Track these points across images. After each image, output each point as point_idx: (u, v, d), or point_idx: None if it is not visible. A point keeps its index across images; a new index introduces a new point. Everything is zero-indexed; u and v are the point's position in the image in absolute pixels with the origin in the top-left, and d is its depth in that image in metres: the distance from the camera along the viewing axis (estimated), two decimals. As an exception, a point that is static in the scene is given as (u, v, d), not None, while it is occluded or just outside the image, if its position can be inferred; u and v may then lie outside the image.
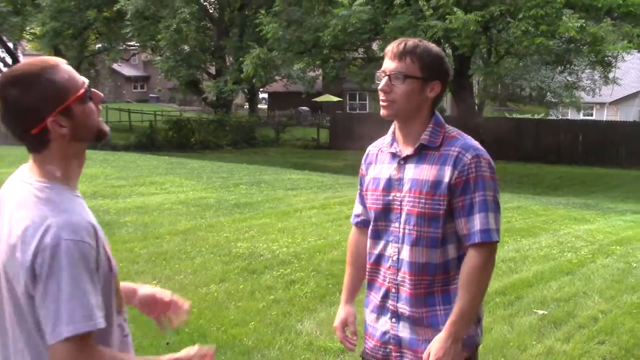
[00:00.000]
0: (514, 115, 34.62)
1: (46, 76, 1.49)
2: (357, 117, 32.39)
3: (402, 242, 2.10)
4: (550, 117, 32.70)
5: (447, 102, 32.27)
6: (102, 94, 1.61)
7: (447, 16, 15.14)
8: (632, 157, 23.60)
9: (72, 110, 1.51)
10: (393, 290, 2.14)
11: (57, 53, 28.97)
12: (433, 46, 2.11)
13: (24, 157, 1.58)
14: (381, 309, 2.19)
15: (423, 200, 2.04)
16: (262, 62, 18.29)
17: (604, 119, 34.00)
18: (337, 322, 2.35)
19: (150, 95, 57.38)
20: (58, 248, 1.40)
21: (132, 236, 6.93)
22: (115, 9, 25.10)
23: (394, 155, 2.15)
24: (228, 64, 26.87)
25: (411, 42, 2.09)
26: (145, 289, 1.85)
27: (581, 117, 34.31)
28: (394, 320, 2.15)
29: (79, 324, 1.40)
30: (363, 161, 2.30)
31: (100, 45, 31.78)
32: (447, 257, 2.09)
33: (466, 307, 2.02)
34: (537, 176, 19.92)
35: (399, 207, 2.11)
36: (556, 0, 14.82)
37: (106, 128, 1.60)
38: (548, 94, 29.30)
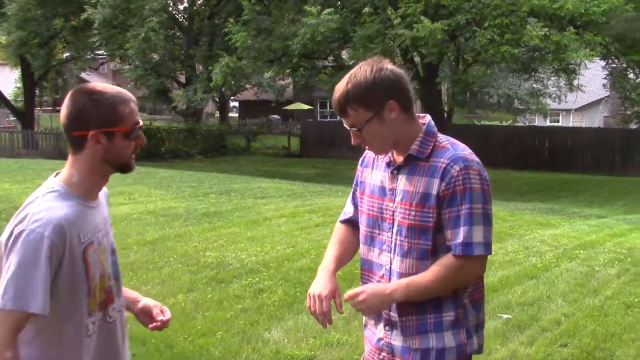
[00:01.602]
0: (483, 122, 35.08)
1: (114, 102, 1.80)
2: (328, 125, 32.54)
3: (395, 253, 2.08)
4: (517, 124, 33.18)
5: (416, 109, 32.48)
6: (145, 141, 1.89)
7: (414, 25, 15.31)
8: (597, 163, 24.10)
9: (114, 136, 1.80)
10: None
11: (24, 62, 28.58)
12: (362, 74, 2.00)
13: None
14: (378, 316, 2.17)
15: (413, 213, 2.02)
16: (232, 71, 18.24)
17: (570, 126, 34.65)
18: (326, 291, 2.11)
19: (120, 104, 56.84)
20: (21, 235, 1.68)
21: (99, 247, 6.85)
22: (82, 17, 24.83)
23: (388, 164, 2.12)
24: (198, 72, 26.77)
25: (341, 89, 2.00)
26: (147, 301, 2.12)
27: (548, 123, 34.93)
28: (387, 328, 2.14)
29: (9, 301, 1.65)
30: (360, 163, 2.27)
31: (67, 54, 31.40)
32: None
33: (418, 284, 2.00)
34: (505, 182, 20.20)
35: (391, 218, 2.09)
36: (521, 9, 15.09)
37: (133, 165, 1.89)
38: (515, 101, 29.78)
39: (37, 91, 31.17)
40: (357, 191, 2.27)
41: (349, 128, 2.05)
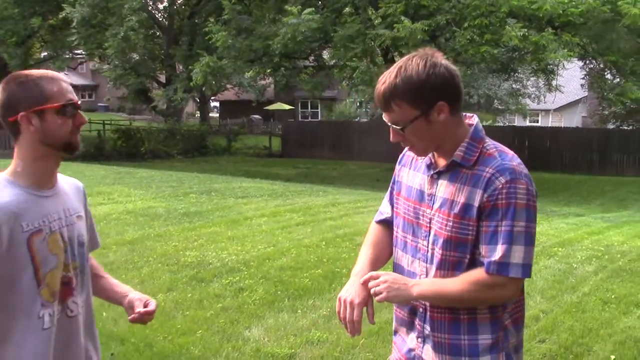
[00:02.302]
0: (463, 122, 35.23)
1: (39, 82, 1.78)
2: (309, 125, 32.56)
3: (431, 263, 1.93)
4: (497, 124, 33.42)
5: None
6: (86, 119, 1.87)
7: (394, 25, 15.38)
8: (576, 162, 24.36)
9: (45, 115, 1.77)
10: (421, 310, 1.98)
11: (0, 61, 28.21)
12: (414, 68, 1.81)
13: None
14: (410, 325, 2.03)
15: (451, 224, 1.86)
16: (212, 71, 18.18)
17: (549, 126, 35.02)
18: (359, 298, 1.91)
19: (99, 104, 56.45)
20: None
21: (78, 247, 6.78)
22: (60, 16, 24.58)
23: (429, 166, 1.96)
24: (178, 72, 26.63)
25: (388, 82, 1.82)
26: (133, 294, 2.07)
27: (527, 123, 35.28)
28: (419, 340, 1.99)
29: None
30: (398, 161, 2.12)
31: (45, 53, 31.08)
32: None
33: (442, 288, 1.88)
34: (485, 181, 20.30)
35: (428, 225, 1.93)
36: (500, 10, 15.22)
37: (77, 144, 1.84)
38: (495, 101, 30.03)
39: (14, 91, 30.76)
40: (394, 190, 2.11)
41: (390, 124, 1.88)
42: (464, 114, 1.95)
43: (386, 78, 1.84)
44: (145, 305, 2.02)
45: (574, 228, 9.68)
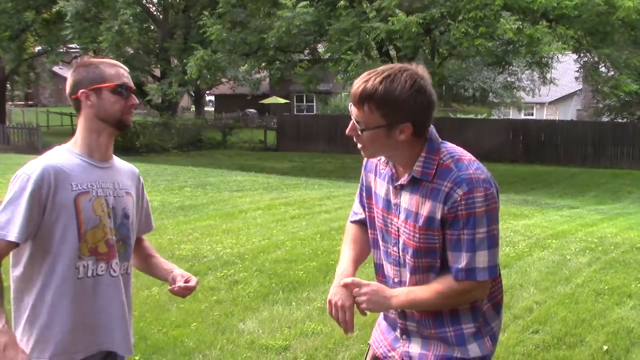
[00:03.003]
0: (458, 116, 35.33)
1: (100, 65, 2.11)
2: (304, 119, 32.52)
3: (402, 267, 2.03)
4: (492, 117, 33.48)
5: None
6: (137, 101, 2.17)
7: (389, 18, 15.36)
8: (570, 155, 24.39)
9: (101, 92, 2.07)
10: (398, 309, 2.07)
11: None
12: (400, 84, 1.83)
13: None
14: (393, 321, 2.14)
15: (417, 235, 1.95)
16: (206, 64, 18.14)
17: (544, 119, 35.09)
18: (348, 302, 2.00)
19: (94, 98, 56.27)
20: (16, 176, 1.99)
21: (72, 241, 6.77)
22: (54, 10, 24.45)
23: (391, 177, 2.02)
24: (173, 66, 26.54)
25: (371, 83, 1.84)
26: (177, 271, 2.29)
27: (522, 116, 35.33)
28: (404, 337, 2.10)
29: None
30: (363, 167, 2.17)
31: (39, 47, 30.90)
32: None
33: (417, 298, 1.97)
34: (480, 174, 20.34)
35: (397, 233, 2.02)
36: (494, 3, 15.21)
37: (128, 122, 2.14)
38: (490, 94, 30.08)
39: (8, 85, 30.63)
40: (364, 194, 2.17)
41: (353, 119, 1.93)
42: None
43: (370, 78, 1.86)
44: (187, 281, 2.22)
45: (568, 220, 9.72)
